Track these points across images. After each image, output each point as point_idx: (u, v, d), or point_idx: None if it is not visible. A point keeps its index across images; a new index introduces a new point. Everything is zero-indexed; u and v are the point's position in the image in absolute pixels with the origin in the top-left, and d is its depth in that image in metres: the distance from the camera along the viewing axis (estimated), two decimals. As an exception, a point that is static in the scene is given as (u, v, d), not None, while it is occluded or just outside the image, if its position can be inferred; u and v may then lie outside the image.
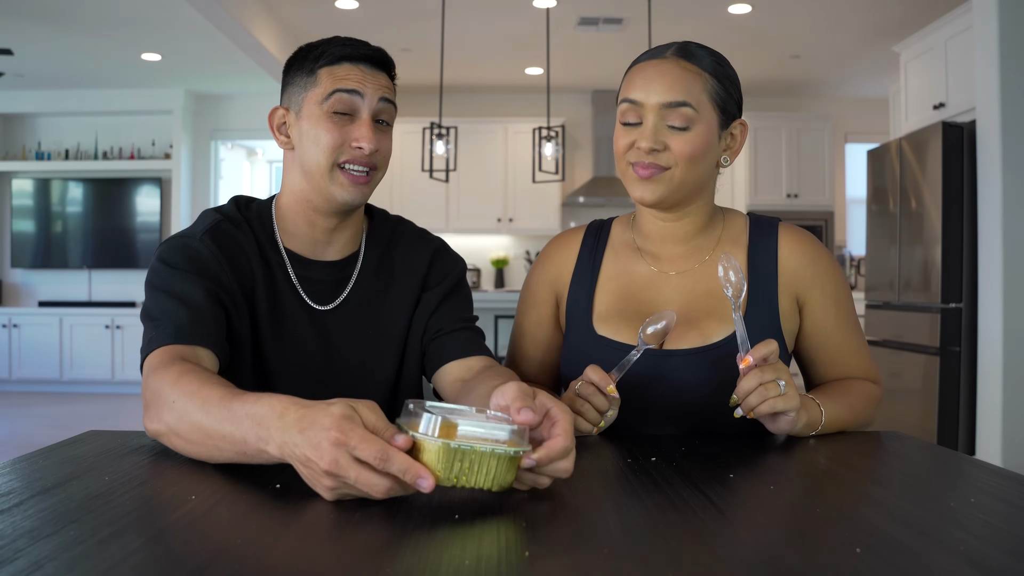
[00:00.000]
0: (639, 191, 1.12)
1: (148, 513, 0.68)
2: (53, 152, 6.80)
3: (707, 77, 1.10)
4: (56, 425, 5.04)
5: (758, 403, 0.96)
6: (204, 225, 1.12)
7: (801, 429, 1.02)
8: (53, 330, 6.45)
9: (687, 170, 1.10)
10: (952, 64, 4.17)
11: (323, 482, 0.69)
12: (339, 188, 1.10)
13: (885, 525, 0.66)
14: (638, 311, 1.16)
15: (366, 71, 1.11)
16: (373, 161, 1.11)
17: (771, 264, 1.15)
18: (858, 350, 1.19)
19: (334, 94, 1.08)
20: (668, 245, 1.20)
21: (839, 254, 6.60)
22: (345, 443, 0.67)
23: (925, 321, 4.05)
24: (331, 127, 1.09)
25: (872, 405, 1.15)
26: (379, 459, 0.67)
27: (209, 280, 1.06)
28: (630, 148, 1.11)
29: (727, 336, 1.10)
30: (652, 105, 1.08)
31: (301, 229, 1.15)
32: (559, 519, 0.69)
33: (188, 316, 1.01)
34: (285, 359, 1.12)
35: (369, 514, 0.68)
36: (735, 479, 0.83)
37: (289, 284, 1.14)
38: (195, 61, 5.84)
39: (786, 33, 5.25)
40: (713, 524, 0.67)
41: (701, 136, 1.09)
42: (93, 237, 6.76)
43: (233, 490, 0.75)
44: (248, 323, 1.10)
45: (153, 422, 0.89)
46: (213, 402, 0.82)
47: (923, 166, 4.07)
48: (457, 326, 1.19)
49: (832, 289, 1.16)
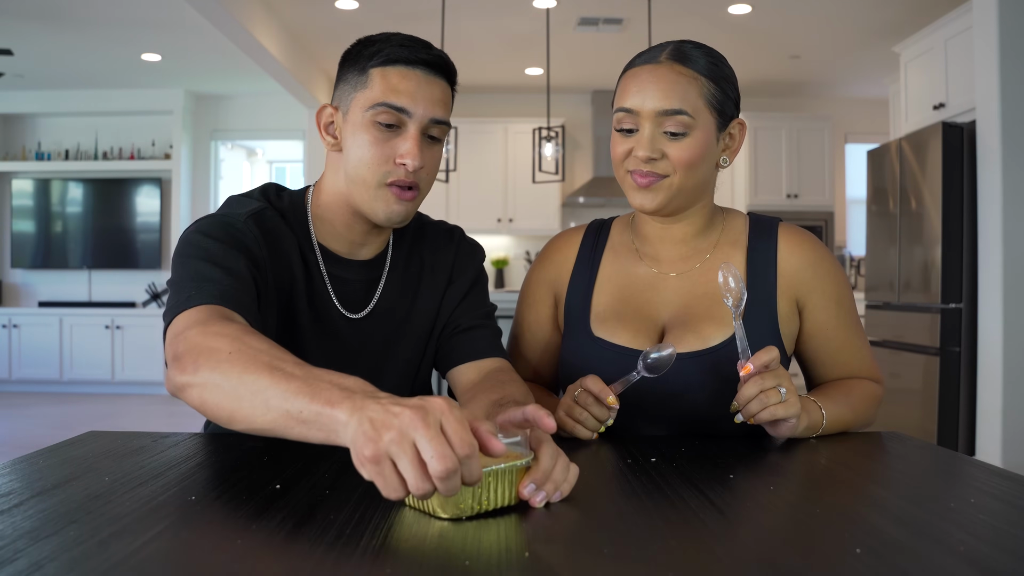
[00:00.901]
0: (638, 199, 1.11)
1: (148, 514, 0.68)
2: (53, 152, 6.80)
3: (703, 81, 1.08)
4: (56, 425, 5.04)
5: (759, 410, 0.96)
6: (247, 208, 1.06)
7: (802, 432, 1.01)
8: (53, 330, 6.45)
9: (686, 177, 1.09)
10: (952, 64, 4.17)
11: (383, 438, 0.61)
12: (383, 204, 1.05)
13: (885, 525, 0.66)
14: (636, 312, 1.16)
15: (422, 79, 1.04)
16: (416, 180, 1.05)
17: (770, 266, 1.14)
18: (860, 350, 1.18)
19: (380, 106, 1.02)
20: (667, 247, 1.19)
21: (839, 254, 6.60)
22: (446, 412, 0.63)
23: (925, 321, 4.05)
24: (374, 139, 1.03)
25: (873, 405, 1.15)
26: (464, 444, 0.62)
27: (250, 259, 1.00)
28: (627, 156, 1.10)
29: (725, 339, 1.09)
30: (648, 113, 1.07)
31: (338, 229, 1.12)
32: (559, 520, 0.69)
33: (232, 284, 0.94)
34: (313, 360, 1.09)
35: (370, 515, 0.68)
36: (735, 479, 0.83)
37: (324, 286, 1.11)
38: (195, 61, 5.84)
39: (786, 33, 5.25)
40: (713, 525, 0.67)
41: (698, 142, 1.08)
42: (93, 237, 6.76)
43: (232, 490, 0.75)
44: (275, 318, 1.05)
45: (186, 373, 0.80)
46: (288, 362, 0.75)
47: (923, 166, 4.07)
48: (475, 322, 1.18)
49: (833, 290, 1.15)
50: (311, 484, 0.78)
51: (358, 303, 1.14)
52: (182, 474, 0.82)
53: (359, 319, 1.13)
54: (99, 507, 0.69)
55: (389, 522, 0.66)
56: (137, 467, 0.84)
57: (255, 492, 0.75)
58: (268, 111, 6.87)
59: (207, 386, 0.78)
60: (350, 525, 0.65)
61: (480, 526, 0.66)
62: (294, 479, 0.80)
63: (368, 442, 0.62)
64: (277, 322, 1.07)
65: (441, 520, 0.67)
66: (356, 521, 0.66)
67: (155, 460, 0.88)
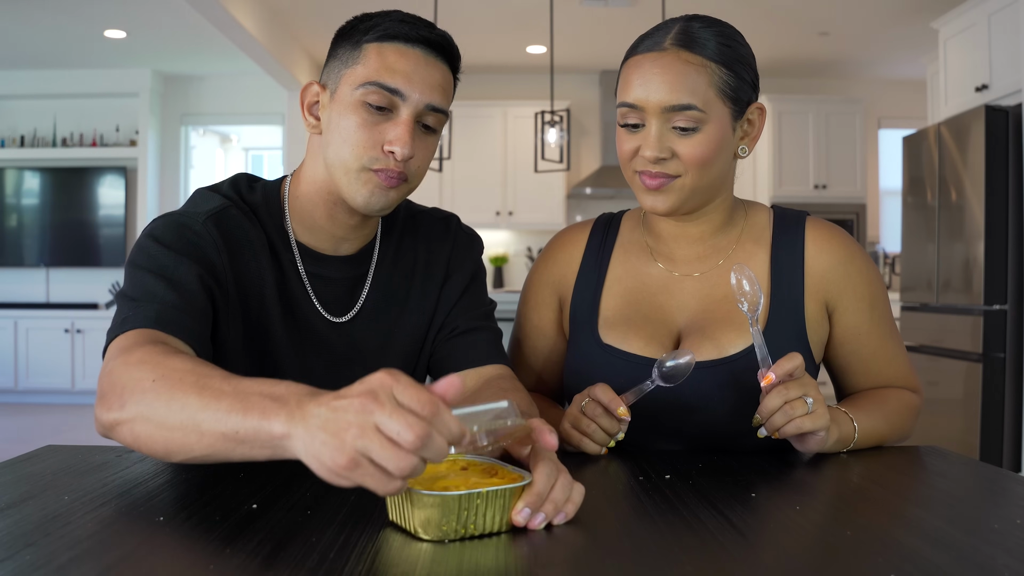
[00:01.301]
0: (649, 201, 1.10)
1: (111, 536, 0.68)
2: (7, 139, 6.80)
3: (713, 68, 1.06)
4: (10, 439, 5.04)
5: (783, 423, 0.95)
6: (208, 207, 1.05)
7: (832, 446, 1.01)
8: (7, 334, 6.44)
9: (700, 175, 1.07)
10: (996, 42, 4.17)
11: (347, 440, 0.61)
12: (364, 188, 1.03)
13: (923, 550, 0.66)
14: (649, 317, 1.15)
15: (420, 59, 1.03)
16: (405, 171, 1.04)
17: (797, 265, 1.14)
18: (895, 357, 1.18)
19: (372, 85, 1.00)
20: (683, 245, 1.18)
21: (872, 251, 6.60)
22: (394, 383, 0.62)
23: (966, 324, 4.05)
24: (362, 122, 1.01)
25: (911, 416, 1.15)
26: (425, 404, 0.62)
27: (204, 268, 1.00)
28: (635, 154, 1.09)
29: (746, 348, 1.08)
30: (653, 108, 1.05)
31: (319, 222, 1.11)
32: (562, 542, 0.69)
33: (174, 301, 0.95)
34: (291, 371, 1.09)
35: (355, 538, 0.68)
36: (757, 498, 0.83)
37: (302, 288, 1.10)
38: (163, 38, 5.83)
39: (814, 7, 5.25)
40: (733, 548, 0.67)
41: (711, 137, 1.06)
42: (51, 232, 6.76)
43: (204, 510, 0.75)
44: (242, 328, 1.06)
45: (112, 410, 0.81)
46: (215, 379, 0.75)
47: (964, 154, 4.07)
48: (473, 324, 1.18)
49: (866, 291, 1.15)
50: (291, 503, 0.78)
51: (342, 305, 1.13)
52: (149, 492, 0.82)
53: (344, 323, 1.13)
54: (57, 529, 0.69)
55: (376, 545, 0.66)
56: (99, 484, 0.84)
57: (229, 512, 0.75)
58: (244, 94, 6.87)
59: (136, 420, 0.78)
60: (333, 548, 0.65)
61: (476, 548, 0.66)
62: (272, 498, 0.79)
63: (334, 452, 0.61)
64: (244, 332, 1.06)
65: (423, 542, 0.67)
66: (340, 544, 0.66)
67: (119, 477, 0.88)
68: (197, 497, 0.80)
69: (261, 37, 5.09)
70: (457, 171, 6.64)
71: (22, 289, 6.88)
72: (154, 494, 0.81)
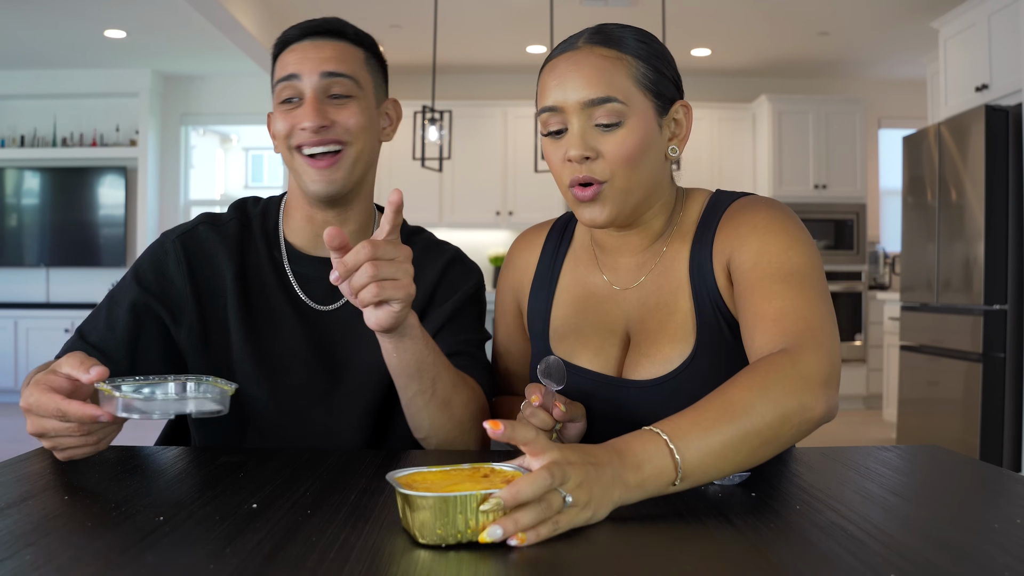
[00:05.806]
0: (587, 214, 1.05)
1: (111, 536, 0.68)
2: (7, 138, 6.80)
3: (630, 60, 1.02)
4: (11, 439, 5.04)
5: (548, 532, 0.70)
6: (184, 228, 1.23)
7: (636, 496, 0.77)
8: (7, 334, 6.45)
9: (628, 176, 1.02)
10: (996, 42, 4.17)
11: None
12: (305, 175, 1.16)
13: (923, 549, 0.66)
14: (595, 328, 1.13)
15: (308, 45, 1.16)
16: (330, 138, 1.14)
17: (707, 257, 1.07)
18: (787, 310, 0.94)
19: (277, 85, 1.17)
20: (624, 257, 1.14)
21: (872, 250, 6.60)
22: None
23: (966, 324, 4.06)
24: (282, 115, 1.16)
25: (781, 393, 0.83)
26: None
27: (147, 292, 1.17)
28: (565, 164, 1.04)
29: (685, 360, 1.04)
30: (573, 106, 1.01)
31: (300, 224, 1.24)
32: (563, 546, 0.69)
33: (104, 323, 1.15)
34: (279, 357, 1.17)
35: (355, 538, 0.68)
36: (757, 498, 0.83)
37: (285, 281, 1.22)
38: (164, 38, 5.83)
39: (813, 8, 5.25)
40: (733, 547, 0.67)
41: (636, 132, 1.02)
42: (51, 232, 6.76)
43: (204, 509, 0.76)
44: (198, 324, 1.17)
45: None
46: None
47: (964, 154, 4.07)
48: (456, 349, 1.19)
49: (756, 242, 1.02)
50: (291, 503, 0.78)
51: (327, 298, 1.22)
52: (149, 492, 0.82)
53: (328, 312, 1.21)
54: (57, 528, 0.69)
55: (377, 545, 0.66)
56: (99, 484, 0.84)
57: (229, 512, 0.75)
58: (244, 93, 6.87)
59: None
60: (334, 548, 0.65)
61: (475, 553, 0.66)
62: (272, 497, 0.80)
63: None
64: (203, 327, 1.18)
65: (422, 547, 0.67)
66: (340, 544, 0.66)
67: (119, 477, 0.88)
68: (197, 497, 0.80)
69: (261, 37, 5.09)
70: (457, 171, 6.63)
71: (22, 289, 6.88)
72: (154, 493, 0.82)
